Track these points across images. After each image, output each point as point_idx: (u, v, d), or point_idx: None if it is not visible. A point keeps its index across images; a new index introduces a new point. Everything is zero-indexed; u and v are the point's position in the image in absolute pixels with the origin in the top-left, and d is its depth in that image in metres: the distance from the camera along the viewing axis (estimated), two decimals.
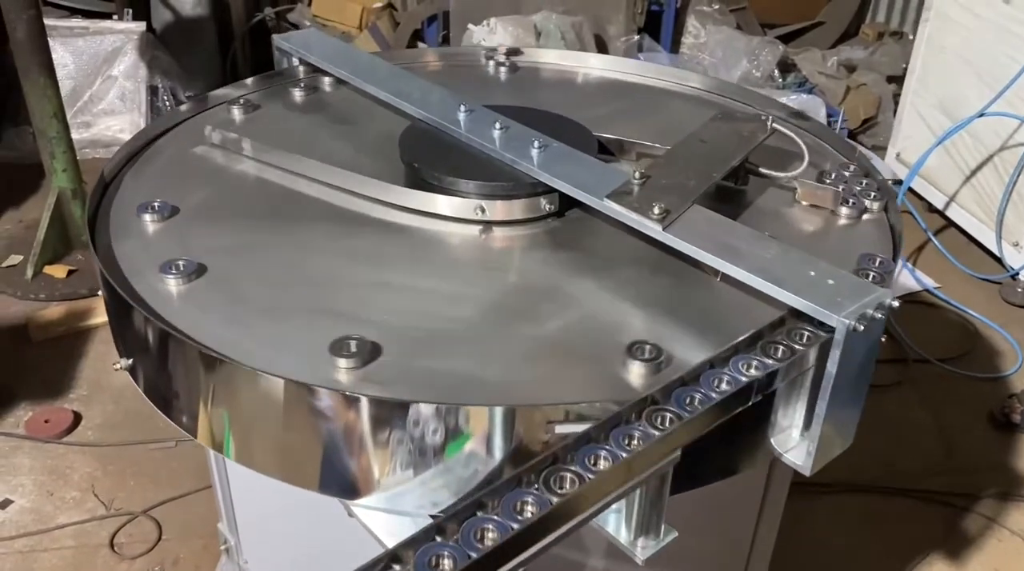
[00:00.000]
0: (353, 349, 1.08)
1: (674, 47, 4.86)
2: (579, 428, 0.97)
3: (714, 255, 1.16)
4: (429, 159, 1.44)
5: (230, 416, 1.13)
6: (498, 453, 1.04)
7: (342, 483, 1.09)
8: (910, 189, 3.85)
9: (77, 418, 2.69)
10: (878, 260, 1.28)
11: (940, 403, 2.93)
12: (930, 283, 3.49)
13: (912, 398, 2.94)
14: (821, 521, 2.46)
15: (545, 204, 1.39)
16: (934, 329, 3.28)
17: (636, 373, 1.08)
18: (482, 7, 4.33)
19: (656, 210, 1.22)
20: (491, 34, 4.10)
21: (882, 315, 1.05)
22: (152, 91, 4.40)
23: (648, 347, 1.10)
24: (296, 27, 4.82)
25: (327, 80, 1.81)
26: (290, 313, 1.19)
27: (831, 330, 1.05)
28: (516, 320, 1.20)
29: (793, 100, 3.98)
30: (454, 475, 1.07)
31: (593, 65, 2.00)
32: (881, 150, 4.37)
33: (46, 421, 2.64)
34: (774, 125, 1.50)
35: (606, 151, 1.62)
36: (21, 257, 3.41)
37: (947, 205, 3.78)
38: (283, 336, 1.14)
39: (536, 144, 1.41)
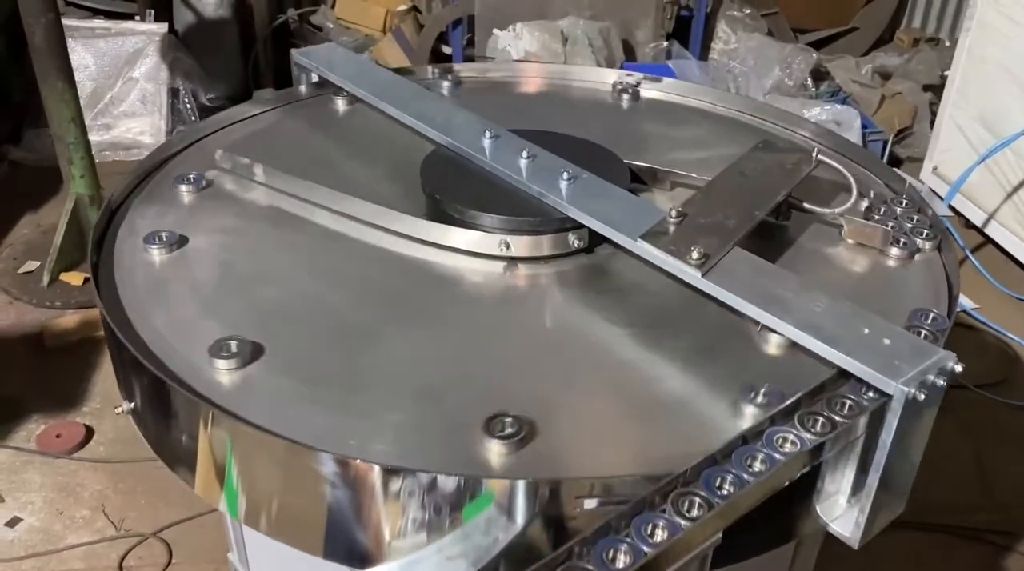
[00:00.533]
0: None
1: (703, 54, 4.76)
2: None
3: (758, 307, 1.07)
4: (451, 189, 1.36)
5: (237, 478, 1.05)
6: (519, 522, 0.96)
7: (346, 552, 1.01)
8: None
9: (89, 433, 2.64)
10: (931, 316, 1.17)
11: (978, 432, 2.82)
12: (968, 304, 3.36)
13: (949, 427, 2.83)
14: (855, 558, 2.35)
15: (574, 240, 1.31)
16: (971, 353, 3.15)
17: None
18: (508, 12, 4.25)
19: (695, 254, 1.13)
20: (517, 39, 4.02)
21: (944, 382, 0.96)
22: (173, 93, 4.35)
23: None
24: (319, 29, 4.76)
25: (349, 97, 1.73)
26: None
27: (885, 395, 0.96)
28: (541, 366, 1.11)
29: (827, 110, 3.86)
30: (472, 542, 0.98)
31: (619, 82, 1.90)
32: (916, 162, 4.24)
33: (58, 436, 2.60)
34: (820, 157, 1.40)
35: (637, 179, 1.53)
36: (38, 263, 3.38)
37: (986, 222, 3.66)
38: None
39: (565, 175, 1.33)
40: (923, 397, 0.94)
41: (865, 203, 1.44)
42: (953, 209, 3.76)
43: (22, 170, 4.11)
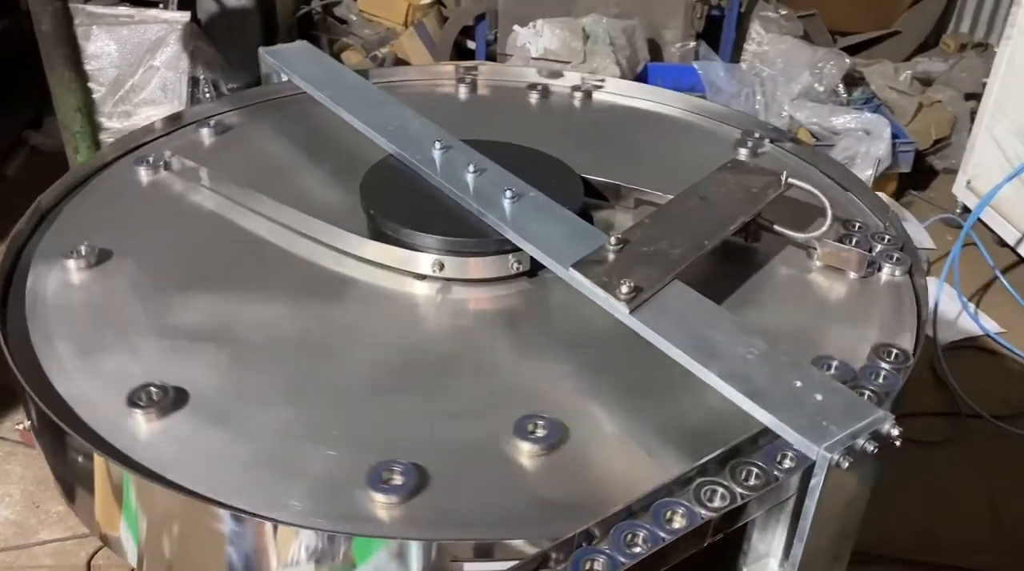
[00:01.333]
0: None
1: (736, 55, 4.61)
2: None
3: (682, 351, 0.98)
4: (389, 203, 1.29)
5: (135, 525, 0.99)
6: None
7: None
8: (979, 219, 3.54)
9: None
10: (894, 352, 1.07)
11: (993, 467, 2.67)
12: (993, 328, 3.19)
13: (962, 459, 2.69)
14: None
15: (514, 263, 1.22)
16: (993, 381, 3.00)
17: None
18: (532, 7, 4.15)
19: (624, 289, 1.04)
20: (537, 36, 3.92)
21: (875, 448, 0.86)
22: (193, 82, 4.33)
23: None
24: (343, 21, 4.71)
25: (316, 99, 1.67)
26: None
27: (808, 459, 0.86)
28: (429, 402, 1.04)
29: (854, 118, 3.70)
30: None
31: (605, 88, 1.80)
32: (953, 173, 4.06)
33: None
34: (791, 180, 1.30)
35: (600, 196, 1.44)
36: None
37: (1020, 241, 3.47)
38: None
39: (508, 194, 1.24)
40: (847, 465, 0.84)
41: (840, 228, 1.34)
42: (983, 223, 3.58)
43: (41, 156, 4.13)
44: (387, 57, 4.34)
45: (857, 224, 1.33)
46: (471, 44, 4.63)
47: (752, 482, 0.86)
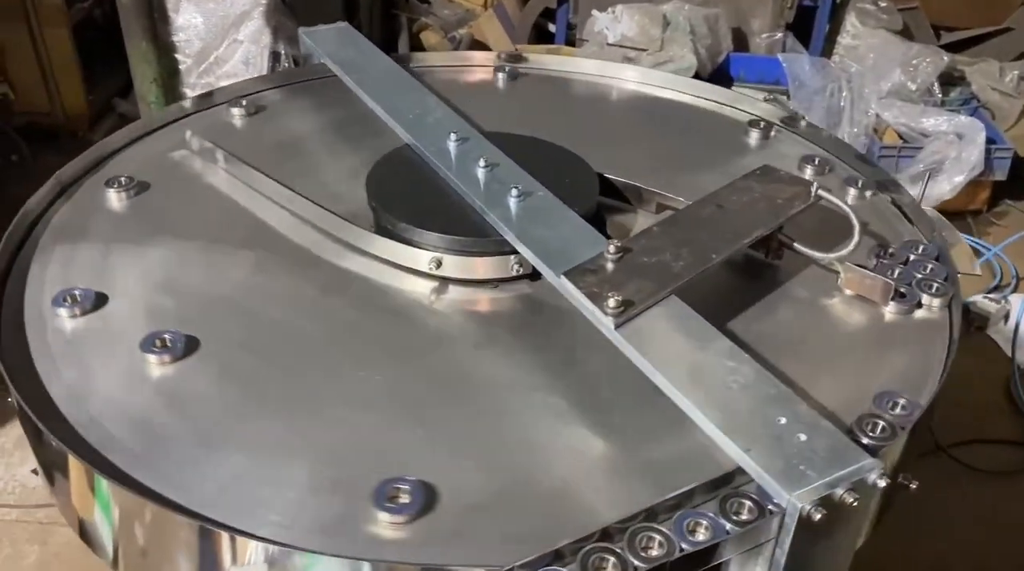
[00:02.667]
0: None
1: (827, 49, 4.40)
2: None
3: (662, 374, 0.91)
4: (392, 196, 1.25)
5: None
6: None
7: None
8: None
9: None
10: (900, 403, 0.97)
11: None
12: None
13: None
14: None
15: (514, 265, 1.17)
16: None
17: None
18: None
19: (612, 302, 0.98)
20: (615, 22, 3.82)
21: (854, 500, 0.78)
22: (275, 57, 4.39)
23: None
24: (425, 2, 4.70)
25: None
26: None
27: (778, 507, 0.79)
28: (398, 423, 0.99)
29: (946, 120, 3.48)
30: None
31: (642, 80, 1.71)
32: None
33: None
34: (819, 192, 1.20)
35: (623, 198, 1.38)
36: None
37: None
38: None
39: (515, 192, 1.19)
40: (818, 518, 0.76)
41: (872, 248, 1.24)
42: None
43: (128, 122, 4.26)
44: (464, 38, 4.31)
45: (891, 249, 1.22)
46: (553, 27, 4.56)
47: (699, 535, 0.79)
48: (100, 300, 1.12)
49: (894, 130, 3.62)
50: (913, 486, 1.06)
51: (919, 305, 1.15)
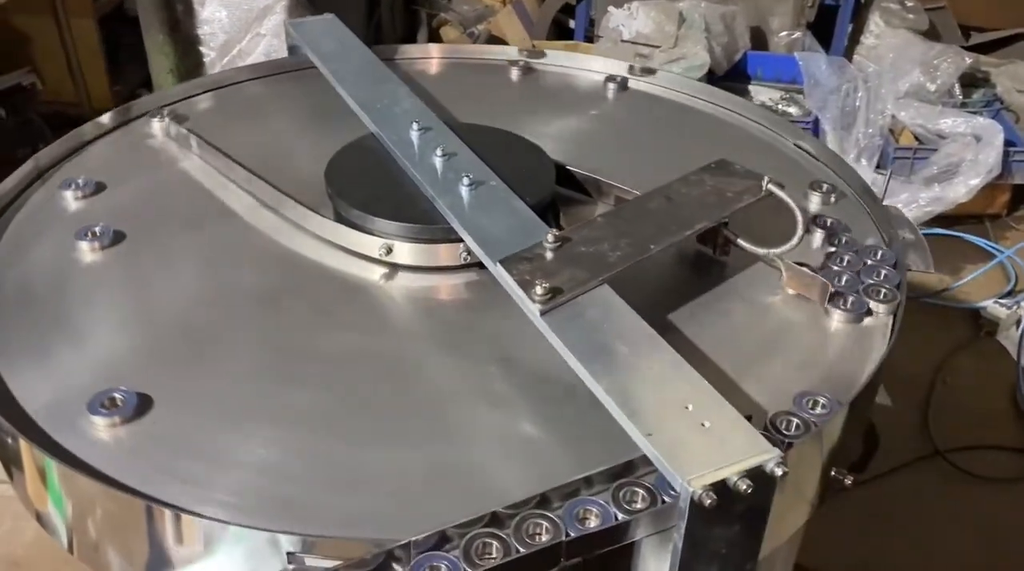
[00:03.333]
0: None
1: (850, 48, 4.34)
2: None
3: (578, 360, 0.92)
4: (349, 183, 1.27)
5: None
6: None
7: None
8: None
9: None
10: (821, 402, 0.97)
11: None
12: None
13: None
14: None
15: (463, 252, 1.19)
16: None
17: None
18: None
19: (539, 289, 0.99)
20: (630, 19, 3.82)
21: (748, 488, 0.78)
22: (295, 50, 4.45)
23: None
24: None
25: None
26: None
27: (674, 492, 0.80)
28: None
29: (964, 122, 3.43)
30: None
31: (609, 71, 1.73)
32: None
33: None
34: (769, 187, 1.20)
35: (583, 190, 1.38)
36: None
37: None
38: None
39: (466, 180, 1.21)
40: (708, 502, 0.77)
41: (827, 247, 1.23)
42: None
43: None
44: (482, 34, 4.33)
45: (846, 255, 1.21)
46: (573, 24, 4.56)
47: (590, 522, 0.80)
48: None
49: (910, 131, 3.57)
50: (848, 481, 1.06)
51: (868, 312, 1.14)
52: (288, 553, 0.82)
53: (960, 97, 3.71)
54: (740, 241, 1.18)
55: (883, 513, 2.36)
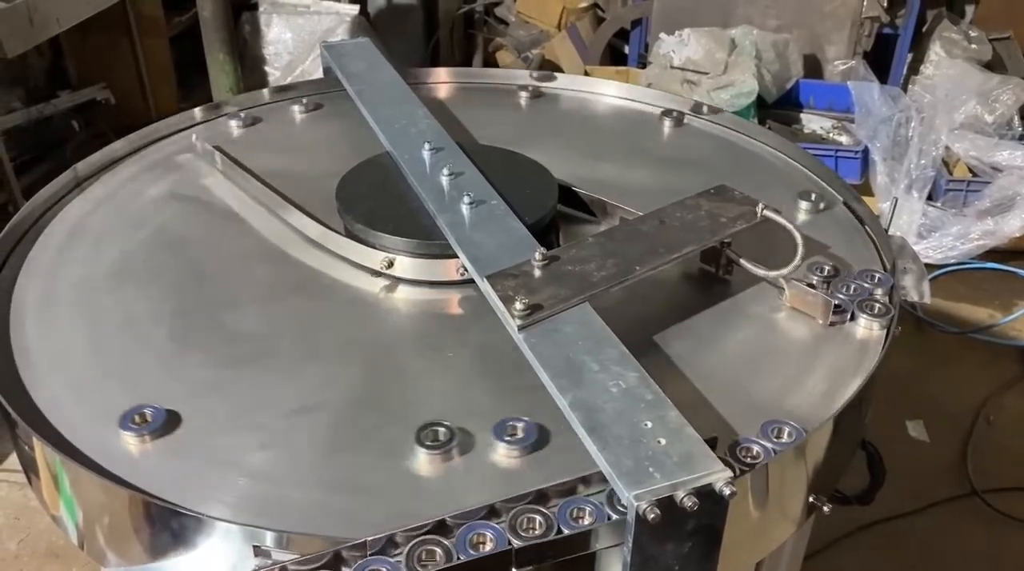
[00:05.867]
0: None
1: (908, 78, 4.27)
2: None
3: (548, 375, 0.95)
4: (357, 198, 1.33)
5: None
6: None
7: None
8: None
9: None
10: (786, 431, 0.97)
11: None
12: None
13: None
14: None
15: (459, 268, 1.23)
16: None
17: None
18: (687, 15, 4.06)
19: (519, 305, 1.02)
20: (682, 45, 3.83)
21: (693, 505, 0.80)
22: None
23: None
24: (504, 23, 4.81)
25: None
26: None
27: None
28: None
29: (1021, 155, 3.34)
30: None
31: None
32: None
33: None
34: (766, 213, 1.21)
35: (589, 212, 1.41)
36: None
37: None
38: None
39: (467, 199, 1.25)
40: (652, 517, 0.79)
41: (822, 267, 1.24)
42: None
43: None
44: (536, 58, 4.39)
45: (828, 267, 1.22)
46: (627, 49, 4.60)
47: (535, 530, 0.82)
48: None
49: (964, 164, 3.50)
50: (826, 509, 1.06)
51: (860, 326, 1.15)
52: (254, 546, 0.86)
53: (1020, 129, 3.62)
54: (743, 261, 1.20)
55: (915, 551, 2.31)
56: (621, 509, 0.83)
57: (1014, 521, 2.41)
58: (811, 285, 1.18)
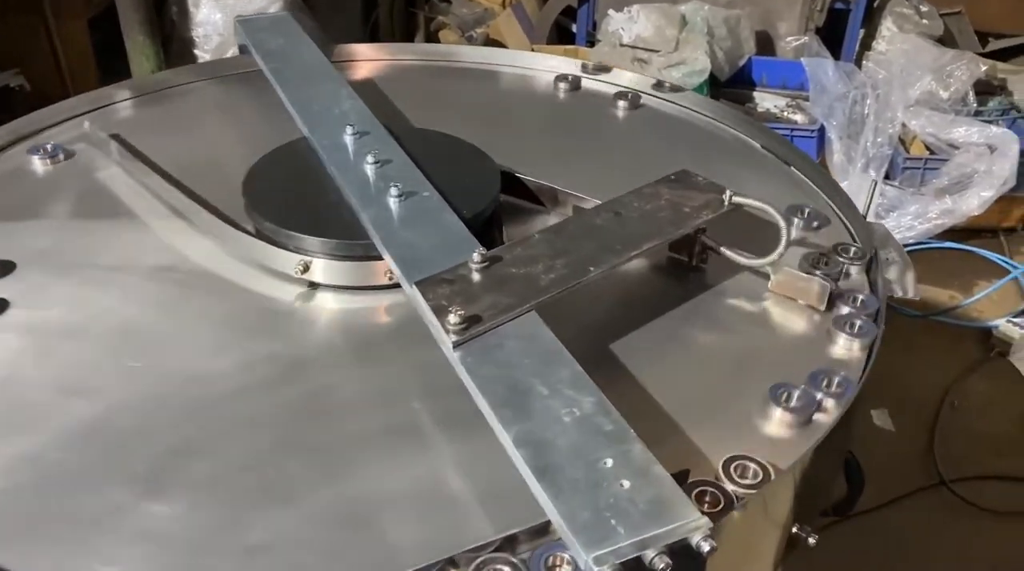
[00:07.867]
0: None
1: (861, 54, 4.19)
2: None
3: (488, 403, 0.79)
4: (268, 192, 1.15)
5: None
6: None
7: None
8: None
9: None
10: (752, 469, 0.83)
11: None
12: None
13: None
14: None
15: (387, 271, 1.06)
16: None
17: None
18: None
19: (453, 318, 0.86)
20: (631, 22, 3.68)
21: (666, 567, 0.65)
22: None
23: None
24: (446, 1, 4.61)
25: None
26: None
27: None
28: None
29: (978, 131, 3.26)
30: None
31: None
32: None
33: None
34: (736, 199, 1.07)
35: (537, 201, 1.26)
36: None
37: None
38: None
39: (394, 191, 1.08)
40: None
41: (812, 254, 1.10)
42: None
43: None
44: (480, 37, 4.21)
45: (823, 255, 1.09)
46: (575, 27, 4.44)
47: None
48: None
49: (921, 141, 3.41)
50: (812, 541, 0.93)
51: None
52: None
53: (974, 105, 3.54)
54: (725, 250, 1.06)
55: (883, 546, 2.21)
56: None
57: (984, 511, 2.33)
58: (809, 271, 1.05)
